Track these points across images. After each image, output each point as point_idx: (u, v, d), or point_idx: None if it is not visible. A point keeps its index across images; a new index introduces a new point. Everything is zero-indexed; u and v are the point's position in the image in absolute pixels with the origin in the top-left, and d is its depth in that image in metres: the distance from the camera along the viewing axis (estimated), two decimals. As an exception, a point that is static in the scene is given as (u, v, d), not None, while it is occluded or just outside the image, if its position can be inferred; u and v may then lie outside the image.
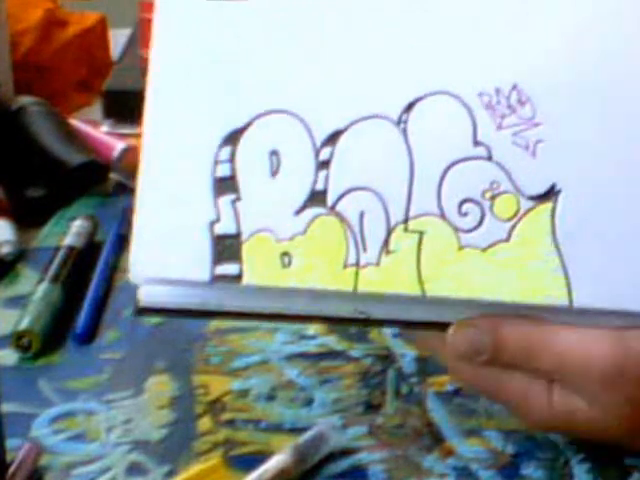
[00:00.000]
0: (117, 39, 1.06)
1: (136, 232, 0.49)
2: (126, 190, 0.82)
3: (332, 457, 0.54)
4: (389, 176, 0.49)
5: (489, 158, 0.49)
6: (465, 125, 0.49)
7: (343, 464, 0.54)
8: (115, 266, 0.72)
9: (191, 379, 0.60)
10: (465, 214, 0.49)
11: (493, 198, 0.49)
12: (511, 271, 0.48)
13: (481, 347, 0.49)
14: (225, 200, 0.49)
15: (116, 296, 0.69)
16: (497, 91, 0.49)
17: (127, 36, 1.07)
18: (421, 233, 0.48)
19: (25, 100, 0.86)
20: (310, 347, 0.63)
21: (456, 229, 0.48)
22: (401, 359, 0.61)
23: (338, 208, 0.49)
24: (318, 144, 0.49)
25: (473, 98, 0.49)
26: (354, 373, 0.60)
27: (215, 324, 0.65)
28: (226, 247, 0.48)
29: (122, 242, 0.74)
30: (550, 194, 0.48)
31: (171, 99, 0.50)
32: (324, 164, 0.49)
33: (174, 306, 0.49)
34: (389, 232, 0.48)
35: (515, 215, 0.48)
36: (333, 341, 0.63)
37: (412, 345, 0.62)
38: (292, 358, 0.62)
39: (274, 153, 0.49)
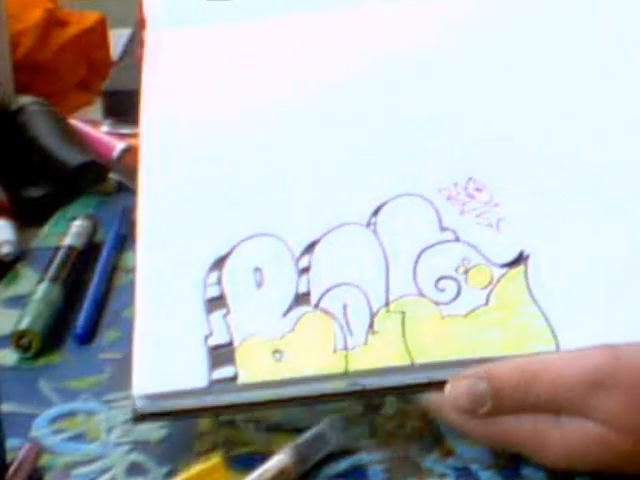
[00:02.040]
0: (117, 39, 1.06)
1: (136, 350, 0.53)
2: (126, 190, 0.82)
3: (332, 457, 0.54)
4: (366, 271, 0.53)
5: (457, 239, 0.53)
6: (430, 217, 0.54)
7: (343, 464, 0.54)
8: (115, 266, 0.72)
9: (191, 379, 0.60)
10: (442, 289, 0.52)
11: (467, 272, 0.52)
12: (495, 329, 0.51)
13: (481, 396, 0.49)
14: (216, 315, 0.53)
15: (116, 296, 0.69)
16: (455, 185, 0.55)
17: (127, 36, 1.07)
18: (403, 312, 0.51)
19: (25, 100, 0.86)
20: (310, 347, 0.63)
21: (436, 303, 0.52)
22: (401, 359, 0.61)
23: (322, 305, 0.52)
24: (297, 254, 0.53)
25: (434, 194, 0.54)
26: (354, 373, 0.60)
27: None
28: (220, 354, 0.51)
29: (122, 242, 0.74)
30: (519, 260, 0.52)
31: (162, 229, 0.56)
32: (304, 270, 0.53)
33: (173, 409, 0.52)
34: (372, 316, 0.52)
35: (490, 283, 0.52)
36: (333, 341, 0.63)
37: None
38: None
39: (257, 269, 0.54)
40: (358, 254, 0.53)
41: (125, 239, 0.75)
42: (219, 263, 0.54)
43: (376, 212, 0.54)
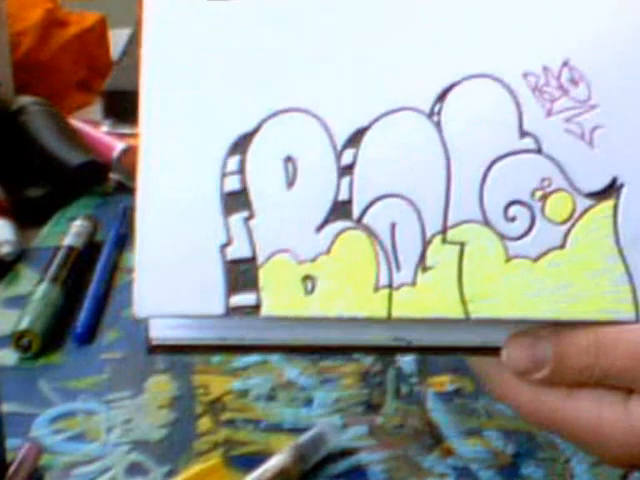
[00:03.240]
0: (117, 39, 1.06)
1: (138, 263, 0.42)
2: (126, 190, 0.82)
3: (332, 457, 0.54)
4: (422, 179, 0.42)
5: (538, 151, 0.42)
6: (509, 113, 0.43)
7: (343, 464, 0.54)
8: (115, 266, 0.72)
9: (191, 379, 0.60)
10: (512, 219, 0.42)
11: (544, 198, 0.42)
12: (568, 283, 0.42)
13: (540, 356, 0.42)
14: (236, 219, 0.42)
15: (116, 296, 0.69)
16: (545, 70, 0.43)
17: (127, 36, 1.07)
18: (462, 244, 0.42)
19: (25, 100, 0.86)
20: (310, 347, 0.63)
21: (502, 237, 0.42)
22: (401, 359, 0.61)
23: (365, 221, 0.42)
24: (339, 146, 0.43)
25: (517, 80, 0.43)
26: (354, 373, 0.60)
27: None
28: (240, 274, 0.42)
29: (122, 242, 0.74)
30: (611, 190, 0.42)
31: (166, 104, 0.44)
32: (347, 169, 0.43)
33: (189, 342, 0.43)
34: (425, 245, 0.42)
35: (570, 217, 0.42)
36: (333, 341, 0.63)
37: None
38: (292, 358, 0.62)
39: (289, 159, 0.43)
40: (415, 155, 0.42)
41: (125, 239, 0.75)
42: (241, 144, 0.43)
43: (443, 95, 0.42)
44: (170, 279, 0.42)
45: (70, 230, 0.74)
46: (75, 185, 0.81)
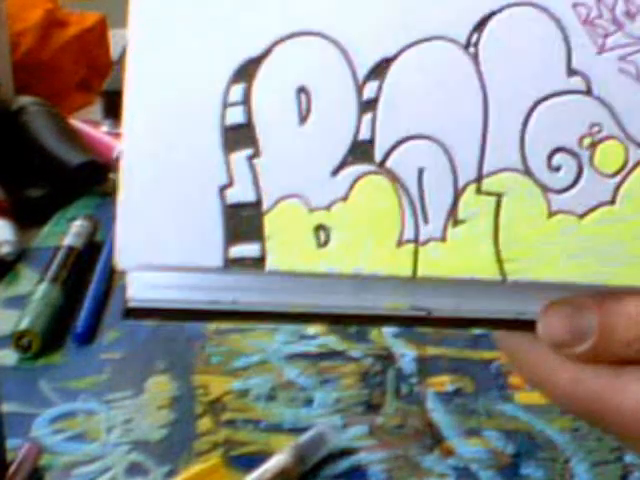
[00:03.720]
0: (117, 39, 1.06)
1: (121, 205, 0.37)
2: (126, 190, 0.82)
3: (332, 457, 0.54)
4: (455, 119, 0.37)
5: (588, 92, 0.38)
6: (556, 48, 0.38)
7: (343, 464, 0.54)
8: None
9: (191, 379, 0.60)
10: (557, 168, 0.37)
11: (593, 146, 0.37)
12: (617, 245, 0.37)
13: (583, 327, 0.36)
14: (239, 157, 0.37)
15: (116, 296, 0.69)
16: (598, 1, 0.38)
17: (127, 36, 1.07)
18: (499, 195, 0.37)
19: (25, 100, 0.86)
20: (310, 347, 0.63)
21: (545, 189, 0.37)
22: (401, 359, 0.61)
23: (389, 164, 0.37)
24: (361, 77, 0.37)
25: (566, 10, 0.38)
26: (354, 373, 0.60)
27: (215, 325, 0.65)
28: (243, 220, 0.36)
29: (122, 242, 0.74)
30: None
31: (160, 18, 0.38)
32: (369, 104, 0.37)
33: (174, 306, 0.38)
34: (457, 195, 0.37)
35: (622, 168, 0.37)
36: (333, 341, 0.63)
37: (412, 345, 0.62)
38: (292, 358, 0.62)
39: (302, 90, 0.37)
40: (448, 91, 0.37)
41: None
42: (247, 70, 0.37)
43: (480, 26, 0.38)
44: (159, 224, 0.37)
45: (70, 230, 0.74)
46: (75, 185, 0.81)
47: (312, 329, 0.64)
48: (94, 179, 0.82)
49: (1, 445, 0.50)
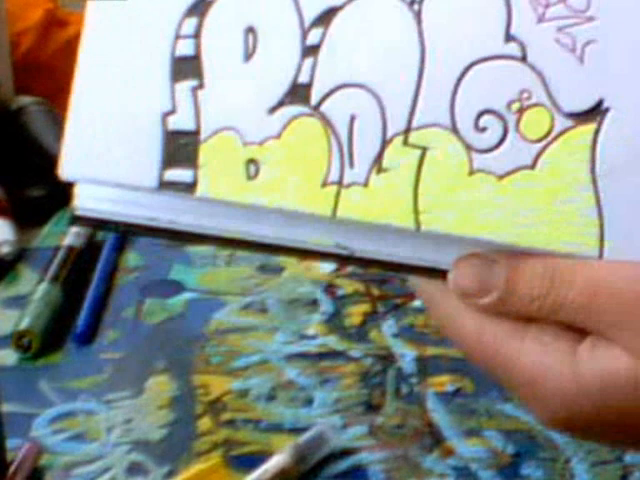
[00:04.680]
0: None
1: (70, 120, 0.39)
2: (126, 190, 0.82)
3: (332, 457, 0.54)
4: (392, 71, 0.38)
5: (522, 59, 0.38)
6: (497, 12, 0.38)
7: (343, 464, 0.54)
8: (115, 266, 0.72)
9: (191, 379, 0.60)
10: (483, 129, 0.38)
11: (521, 111, 0.38)
12: (531, 208, 0.38)
13: (490, 278, 0.38)
14: (184, 86, 0.39)
15: (116, 296, 0.69)
16: None
17: None
18: (424, 149, 0.38)
19: (25, 100, 0.86)
20: (310, 347, 0.63)
21: (469, 147, 0.38)
22: (401, 359, 0.61)
23: (323, 108, 0.39)
24: (307, 23, 0.39)
25: None
26: (354, 373, 0.60)
27: (215, 325, 0.65)
28: (180, 146, 0.38)
29: (122, 242, 0.74)
30: (595, 112, 0.38)
31: None
32: (312, 49, 0.39)
33: (117, 218, 0.40)
34: (384, 144, 0.38)
35: (546, 135, 0.38)
36: (333, 341, 0.63)
37: (412, 345, 0.62)
38: (292, 358, 0.62)
39: (250, 30, 0.39)
40: (388, 44, 0.38)
41: (125, 239, 0.75)
42: (201, 6, 0.39)
43: None
44: (102, 141, 0.39)
45: (70, 230, 0.74)
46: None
47: (312, 329, 0.64)
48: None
49: (1, 445, 0.50)
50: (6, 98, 0.87)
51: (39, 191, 0.80)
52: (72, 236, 0.73)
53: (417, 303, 0.65)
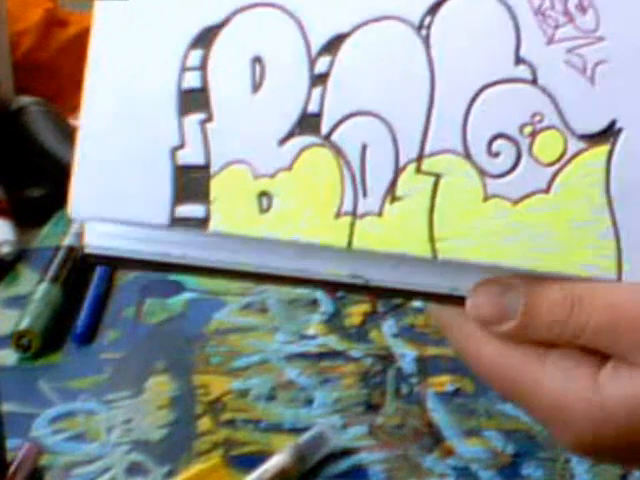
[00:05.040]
0: (117, 39, 1.06)
1: (78, 158, 0.38)
2: (126, 190, 0.82)
3: (332, 457, 0.54)
4: (402, 98, 0.38)
5: (533, 81, 0.38)
6: (506, 35, 0.38)
7: (343, 464, 0.54)
8: (115, 266, 0.72)
9: (191, 379, 0.60)
10: (496, 154, 0.38)
11: (533, 135, 0.38)
12: (547, 232, 0.38)
13: (509, 305, 0.37)
14: (192, 120, 0.38)
15: (116, 296, 0.69)
16: None
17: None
18: (437, 176, 0.38)
19: (25, 100, 0.86)
20: (310, 347, 0.63)
21: (482, 173, 0.38)
22: (401, 359, 0.61)
23: (334, 138, 0.38)
24: (314, 51, 0.38)
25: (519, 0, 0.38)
26: (354, 373, 0.60)
27: (215, 325, 0.65)
28: (190, 181, 0.38)
29: (122, 242, 0.74)
30: (608, 133, 0.38)
31: None
32: (320, 78, 0.38)
33: (127, 254, 0.39)
34: (397, 172, 0.38)
35: (560, 158, 0.38)
36: (333, 341, 0.63)
37: (412, 345, 0.62)
38: (292, 358, 0.62)
39: (257, 60, 0.38)
40: (397, 71, 0.38)
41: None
42: (206, 37, 0.38)
43: (434, 9, 0.38)
44: (112, 179, 0.38)
45: (70, 230, 0.74)
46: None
47: (312, 329, 0.64)
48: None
49: (1, 445, 0.50)
50: (6, 98, 0.87)
51: (39, 191, 0.80)
52: (72, 236, 0.73)
53: (417, 303, 0.65)
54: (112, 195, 0.38)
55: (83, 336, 0.64)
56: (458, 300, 0.39)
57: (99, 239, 0.39)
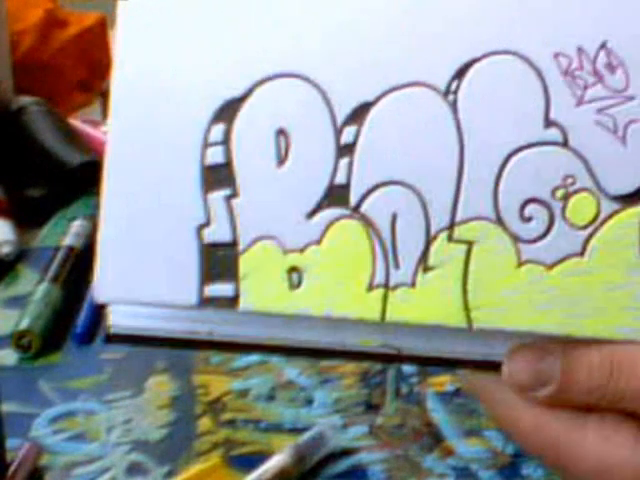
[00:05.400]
0: (117, 39, 1.06)
1: (101, 240, 0.39)
2: (126, 190, 0.82)
3: (332, 457, 0.54)
4: (431, 166, 0.37)
5: (564, 144, 0.37)
6: (535, 98, 0.37)
7: (343, 464, 0.54)
8: (115, 266, 0.72)
9: (191, 379, 0.60)
10: (528, 219, 0.37)
11: (566, 198, 0.37)
12: (583, 296, 0.37)
13: (546, 371, 0.37)
14: (217, 197, 0.37)
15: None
16: (579, 52, 0.37)
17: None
18: (470, 243, 0.37)
19: (25, 100, 0.86)
20: (310, 347, 0.63)
21: (516, 239, 0.37)
22: (401, 359, 0.61)
23: (363, 209, 0.37)
24: (339, 121, 0.37)
25: (547, 61, 0.37)
26: (354, 373, 0.60)
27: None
28: (218, 259, 0.37)
29: (122, 242, 0.74)
30: None
31: (144, 56, 0.38)
32: (347, 148, 0.37)
33: (153, 333, 0.38)
34: (429, 242, 0.37)
35: (593, 221, 0.37)
36: (333, 341, 0.63)
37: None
38: (292, 359, 0.62)
39: (281, 132, 0.37)
40: (425, 138, 0.37)
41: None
42: (228, 110, 0.37)
43: (461, 72, 0.37)
44: (137, 261, 0.37)
45: (70, 230, 0.74)
46: (75, 185, 0.81)
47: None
48: (94, 179, 0.82)
49: (1, 445, 0.50)
50: (6, 98, 0.87)
51: (39, 191, 0.80)
52: (72, 236, 0.73)
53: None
54: (138, 277, 0.37)
55: (83, 336, 0.64)
56: (493, 366, 0.38)
57: (124, 319, 0.38)
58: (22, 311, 0.65)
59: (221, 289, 0.37)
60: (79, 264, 0.71)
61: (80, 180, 0.81)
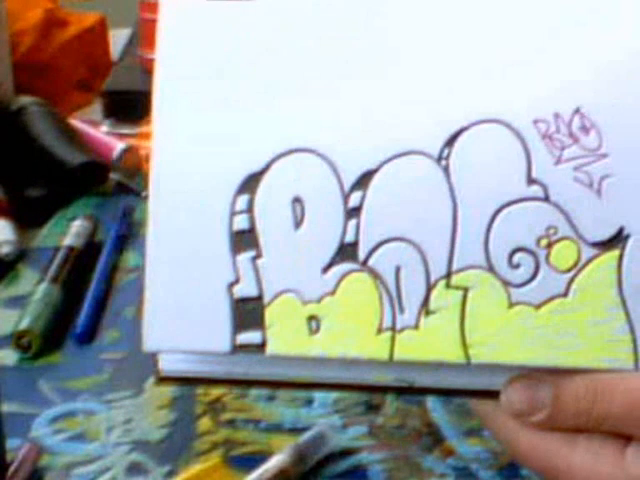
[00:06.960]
0: (117, 39, 1.06)
1: (147, 299, 0.43)
2: (126, 190, 0.82)
3: (332, 457, 0.54)
4: (428, 223, 0.43)
5: (546, 199, 0.42)
6: (518, 159, 0.42)
7: (343, 464, 0.54)
8: (115, 266, 0.72)
9: (191, 379, 0.60)
10: (516, 266, 0.42)
11: (550, 246, 0.42)
12: (569, 331, 0.42)
13: (539, 399, 0.42)
14: (244, 258, 0.43)
15: (116, 296, 0.69)
16: (556, 117, 0.42)
17: (127, 36, 1.07)
18: (465, 289, 0.42)
19: (25, 100, 0.86)
20: (310, 347, 0.63)
21: (506, 283, 0.42)
22: (401, 359, 0.61)
23: (371, 263, 0.43)
24: (347, 188, 0.43)
25: (528, 126, 0.42)
26: (354, 373, 0.60)
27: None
28: (247, 312, 0.43)
29: (122, 242, 0.74)
30: (617, 240, 0.42)
31: (177, 141, 0.44)
32: (354, 211, 0.43)
33: (197, 375, 0.44)
34: (429, 289, 0.42)
35: (575, 265, 0.42)
36: (333, 341, 0.63)
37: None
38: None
39: (297, 200, 0.43)
40: (422, 199, 0.42)
41: (125, 239, 0.75)
42: (250, 183, 0.43)
43: (452, 140, 0.42)
44: (179, 316, 0.43)
45: (70, 230, 0.74)
46: (75, 185, 0.81)
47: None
48: (94, 179, 0.82)
49: (1, 445, 0.50)
50: (6, 98, 0.87)
51: (39, 191, 0.80)
52: (72, 236, 0.73)
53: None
54: (180, 329, 0.43)
55: (83, 336, 0.64)
56: (494, 394, 0.43)
57: (171, 364, 0.44)
58: (22, 311, 0.65)
59: (250, 337, 0.42)
60: (79, 264, 0.71)
61: (80, 180, 0.81)
